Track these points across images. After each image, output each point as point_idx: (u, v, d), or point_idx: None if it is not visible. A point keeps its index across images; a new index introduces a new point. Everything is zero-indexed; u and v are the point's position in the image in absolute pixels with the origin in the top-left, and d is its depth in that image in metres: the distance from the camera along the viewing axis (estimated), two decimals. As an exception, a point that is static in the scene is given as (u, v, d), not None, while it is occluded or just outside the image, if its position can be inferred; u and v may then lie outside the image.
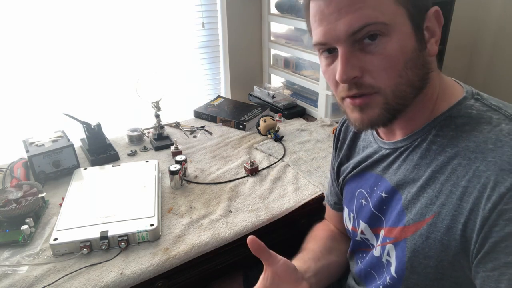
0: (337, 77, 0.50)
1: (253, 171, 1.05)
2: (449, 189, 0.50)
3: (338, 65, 0.50)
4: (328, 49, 0.52)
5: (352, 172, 0.68)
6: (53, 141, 1.05)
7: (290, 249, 0.72)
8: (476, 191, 0.46)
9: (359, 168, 0.67)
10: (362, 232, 0.67)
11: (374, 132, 0.64)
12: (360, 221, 0.66)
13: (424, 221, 0.52)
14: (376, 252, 0.62)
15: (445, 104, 0.53)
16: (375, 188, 0.62)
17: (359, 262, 0.69)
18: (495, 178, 0.45)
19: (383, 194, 0.60)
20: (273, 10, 1.52)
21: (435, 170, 0.52)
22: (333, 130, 1.27)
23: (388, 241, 0.58)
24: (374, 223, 0.63)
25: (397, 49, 0.48)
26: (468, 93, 0.54)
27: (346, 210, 0.72)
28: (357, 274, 0.70)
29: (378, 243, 0.62)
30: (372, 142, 0.65)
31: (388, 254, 0.59)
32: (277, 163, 1.11)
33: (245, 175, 1.05)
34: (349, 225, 0.71)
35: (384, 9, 0.47)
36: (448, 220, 0.49)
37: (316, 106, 1.42)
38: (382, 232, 0.61)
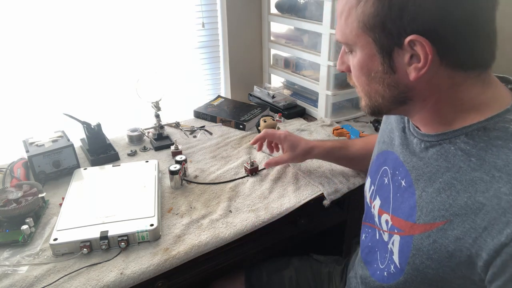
0: None
1: (253, 171, 1.05)
2: (464, 201, 0.49)
3: None
4: None
5: (381, 145, 0.70)
6: (53, 141, 1.05)
7: (290, 249, 0.72)
8: (494, 212, 0.45)
9: (387, 142, 0.68)
10: (374, 207, 0.69)
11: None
12: (377, 196, 0.68)
13: (435, 224, 0.52)
14: (385, 236, 0.63)
15: (480, 116, 0.51)
16: (397, 173, 0.63)
17: (364, 236, 0.73)
18: None
19: (403, 182, 0.60)
20: (273, 10, 1.52)
21: (454, 177, 0.51)
22: (333, 130, 1.28)
23: (396, 231, 0.59)
24: (384, 204, 0.65)
25: (358, 65, 0.56)
26: None
27: (368, 180, 0.74)
28: (361, 249, 0.73)
29: (385, 229, 0.63)
30: (405, 123, 0.66)
31: (393, 244, 0.60)
32: (277, 163, 1.11)
33: (245, 175, 1.05)
34: (367, 194, 0.73)
35: (349, 33, 0.55)
36: (459, 231, 0.48)
37: (316, 106, 1.42)
38: (384, 217, 0.63)
